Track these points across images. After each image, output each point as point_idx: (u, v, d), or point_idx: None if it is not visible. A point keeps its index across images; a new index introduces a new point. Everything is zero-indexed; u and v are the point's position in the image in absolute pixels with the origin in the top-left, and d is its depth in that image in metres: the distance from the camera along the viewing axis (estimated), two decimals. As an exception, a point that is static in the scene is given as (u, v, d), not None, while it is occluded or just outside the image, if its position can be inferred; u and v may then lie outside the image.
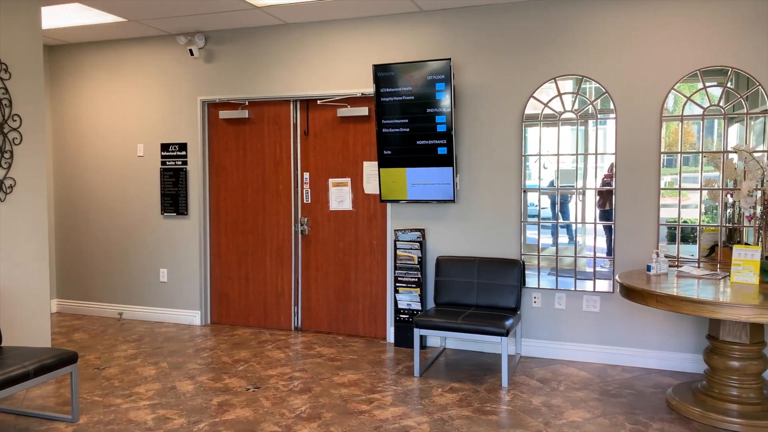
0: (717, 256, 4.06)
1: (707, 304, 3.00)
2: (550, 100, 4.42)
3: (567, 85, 4.40)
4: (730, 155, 3.98)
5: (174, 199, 5.52)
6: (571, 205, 4.44)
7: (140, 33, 5.41)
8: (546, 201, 4.50)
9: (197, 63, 5.41)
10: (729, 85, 4.02)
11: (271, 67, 5.17)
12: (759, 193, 3.51)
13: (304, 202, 5.22)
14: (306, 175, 5.20)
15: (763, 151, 3.93)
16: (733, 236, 4.04)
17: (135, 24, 5.10)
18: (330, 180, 5.12)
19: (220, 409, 3.50)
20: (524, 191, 4.52)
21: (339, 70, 4.96)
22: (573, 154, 4.39)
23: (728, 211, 4.06)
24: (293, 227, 5.25)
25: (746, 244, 3.95)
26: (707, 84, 4.06)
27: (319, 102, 5.10)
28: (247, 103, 5.33)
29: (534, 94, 4.45)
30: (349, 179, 5.06)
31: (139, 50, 5.60)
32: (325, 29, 4.98)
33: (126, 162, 5.72)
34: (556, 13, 4.38)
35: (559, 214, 4.46)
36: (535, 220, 4.52)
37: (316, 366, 4.31)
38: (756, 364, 3.30)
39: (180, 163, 5.49)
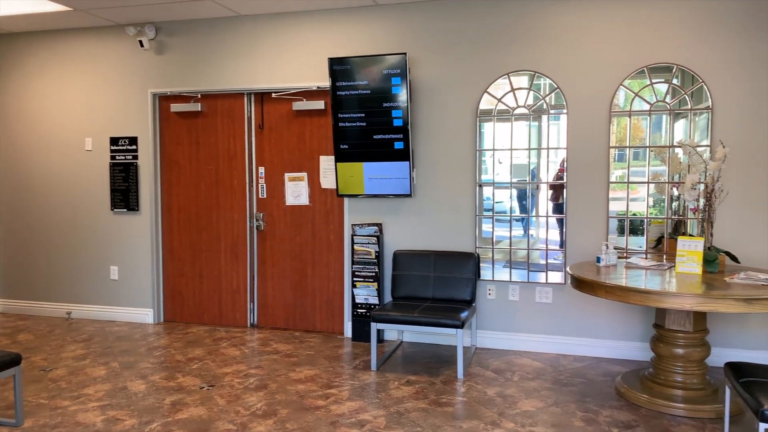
0: (663, 248, 4.20)
1: (653, 294, 3.10)
2: (503, 96, 4.48)
3: (521, 80, 4.46)
4: (676, 150, 4.11)
5: (124, 195, 5.37)
6: (526, 199, 4.51)
7: (88, 23, 5.23)
8: (501, 195, 4.56)
9: (148, 55, 5.26)
10: (675, 81, 4.15)
11: (224, 60, 5.07)
12: (702, 187, 3.64)
13: (260, 197, 5.15)
14: (261, 169, 5.13)
15: (706, 146, 4.08)
16: (679, 228, 4.19)
17: (81, 14, 4.92)
18: (286, 174, 5.07)
19: (173, 409, 3.43)
20: (479, 185, 4.57)
21: (294, 63, 4.91)
22: (526, 149, 4.46)
23: (674, 203, 4.20)
24: (248, 223, 5.18)
25: (690, 235, 4.09)
26: (654, 80, 4.18)
27: (274, 95, 5.03)
28: (199, 96, 5.22)
29: (488, 90, 4.50)
30: (306, 174, 5.02)
31: (87, 41, 5.41)
32: (280, 21, 4.92)
33: (74, 156, 5.53)
34: (510, 9, 4.43)
35: (514, 207, 4.53)
36: (491, 213, 4.57)
37: (272, 362, 4.27)
38: (699, 351, 3.42)
39: (130, 157, 5.34)
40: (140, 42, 5.13)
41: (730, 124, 4.06)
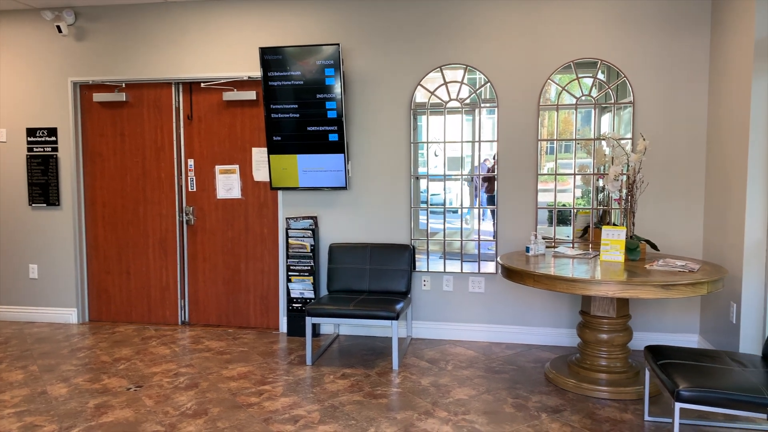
0: (589, 237, 4.35)
1: (579, 282, 3.21)
2: (436, 89, 4.51)
3: (456, 73, 4.50)
4: (602, 142, 4.26)
5: (43, 189, 5.08)
6: (460, 191, 4.57)
7: (0, 6, 4.91)
8: (437, 187, 4.60)
9: (67, 41, 4.98)
10: (600, 76, 4.29)
11: (150, 48, 4.87)
12: (624, 178, 3.78)
13: (189, 190, 4.99)
14: (190, 161, 4.97)
15: (628, 139, 4.24)
16: (605, 218, 4.35)
17: (-9, -5, 4.61)
18: (217, 167, 4.93)
19: (97, 412, 3.28)
20: (415, 178, 4.60)
21: (224, 53, 4.77)
22: (459, 142, 4.51)
23: (600, 194, 4.36)
24: (178, 217, 5.01)
25: (614, 225, 4.26)
26: (580, 75, 4.31)
27: (203, 85, 4.88)
28: (124, 86, 4.99)
29: (421, 83, 4.52)
30: (238, 166, 4.90)
31: (0, 25, 5.08)
32: (209, 9, 4.76)
33: (-15, 148, 5.19)
34: (443, 3, 4.46)
35: (450, 199, 4.58)
36: (426, 206, 4.61)
37: (203, 360, 4.15)
38: (622, 336, 3.57)
39: (49, 149, 5.05)
40: (58, 27, 4.85)
41: (651, 118, 4.24)
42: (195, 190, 4.98)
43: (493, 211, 4.51)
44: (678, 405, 2.59)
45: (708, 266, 3.52)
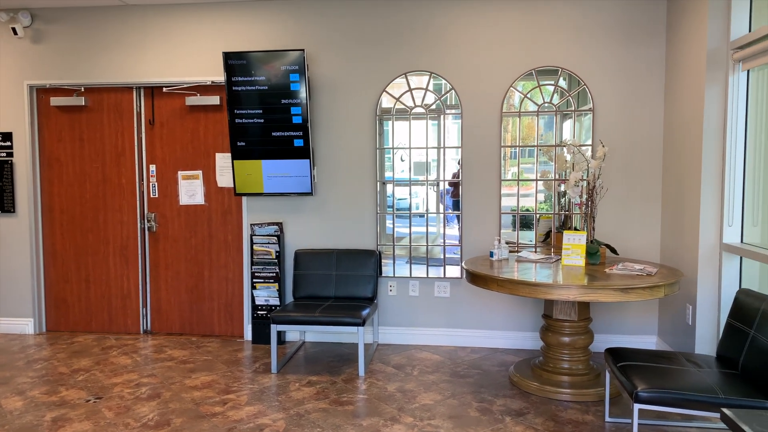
0: (552, 241, 4.43)
1: (541, 286, 3.26)
2: (401, 95, 4.54)
3: (421, 80, 4.54)
4: (564, 148, 4.35)
5: (-2, 195, 4.92)
6: (425, 196, 4.60)
7: (-51, 6, 4.74)
8: (403, 192, 4.62)
9: (23, 44, 4.85)
10: (561, 84, 4.38)
11: (110, 52, 4.77)
12: (584, 184, 3.87)
13: (151, 196, 4.90)
14: (152, 167, 4.88)
15: (588, 145, 4.34)
16: (567, 222, 4.43)
17: (-59, -5, 4.45)
18: (179, 173, 4.86)
19: (55, 425, 3.19)
20: (381, 183, 4.61)
21: (187, 57, 4.71)
22: (424, 148, 4.55)
23: (563, 199, 4.44)
24: (139, 224, 4.91)
25: (575, 229, 4.35)
26: (542, 83, 4.39)
27: (165, 90, 4.80)
28: (83, 90, 4.88)
29: (387, 89, 4.54)
30: (201, 172, 4.83)
31: (-51, 25, 4.90)
32: (171, 13, 4.70)
33: (-65, 153, 5.00)
34: (407, 10, 4.49)
35: (417, 204, 4.61)
36: (392, 211, 4.62)
37: (166, 370, 4.08)
38: (583, 339, 3.64)
39: (4, 154, 4.90)
40: (13, 29, 4.71)
41: (610, 125, 4.35)
42: (157, 196, 4.90)
43: (457, 216, 4.56)
44: (636, 406, 2.65)
45: (665, 269, 3.62)
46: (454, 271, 4.56)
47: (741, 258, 3.50)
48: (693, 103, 3.75)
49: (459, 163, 4.52)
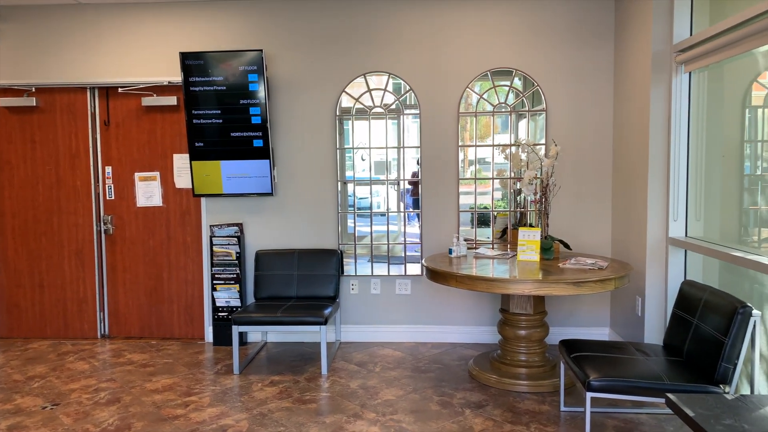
0: (508, 238, 4.55)
1: (498, 281, 3.36)
2: (361, 95, 4.58)
3: (381, 80, 4.59)
4: (518, 147, 4.47)
5: (-56, 199, 4.76)
6: (386, 195, 4.66)
7: None
8: (363, 192, 4.67)
9: (-32, 42, 4.70)
10: (516, 84, 4.50)
11: (63, 51, 4.67)
12: (538, 182, 3.99)
13: (107, 198, 4.82)
14: (108, 169, 4.80)
15: (542, 144, 4.47)
16: (523, 219, 4.56)
17: None
18: (136, 174, 4.79)
19: (9, 434, 3.12)
20: (343, 183, 4.65)
21: (143, 57, 4.65)
22: (384, 148, 4.61)
23: (519, 197, 4.57)
24: (95, 226, 4.83)
25: (531, 226, 4.48)
26: (497, 84, 4.51)
27: (120, 90, 4.72)
28: (34, 90, 4.75)
29: (346, 89, 4.58)
30: (158, 173, 4.78)
31: None
32: (126, 12, 4.63)
33: None
34: (365, 11, 4.54)
35: (376, 203, 4.66)
36: (353, 210, 4.67)
37: (125, 374, 4.03)
38: (539, 332, 3.76)
39: (-50, 157, 4.74)
40: (-42, 27, 4.57)
41: (562, 125, 4.49)
42: (113, 198, 4.82)
43: (417, 214, 4.63)
44: (589, 394, 2.77)
45: (615, 263, 3.77)
46: (415, 269, 4.64)
47: (686, 251, 3.67)
48: (639, 103, 3.91)
49: (418, 163, 4.60)
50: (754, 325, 2.62)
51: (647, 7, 3.77)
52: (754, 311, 2.60)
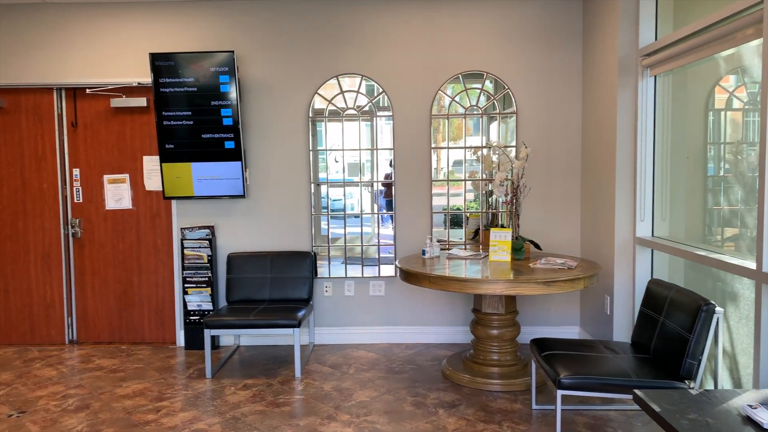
0: (480, 239, 4.60)
1: (470, 282, 3.40)
2: (333, 97, 4.59)
3: (354, 81, 4.60)
4: (489, 149, 4.52)
5: None
6: (360, 197, 4.67)
7: None
8: (337, 193, 4.67)
9: (-72, 40, 4.57)
10: (487, 87, 4.55)
11: (29, 51, 4.57)
12: (509, 183, 4.04)
13: (75, 201, 4.73)
14: (76, 171, 4.71)
15: (513, 147, 4.54)
16: (495, 220, 4.61)
17: None
18: (105, 176, 4.71)
19: (-27, 443, 3.04)
20: (316, 184, 4.64)
21: (112, 58, 4.57)
22: (356, 149, 4.61)
23: (491, 198, 4.62)
24: (62, 230, 4.73)
25: (502, 226, 4.53)
26: (469, 86, 4.55)
27: (88, 91, 4.64)
28: (-2, 90, 4.65)
29: (319, 91, 4.58)
30: (128, 175, 4.70)
31: None
32: (94, 12, 4.55)
33: None
34: (338, 13, 4.55)
35: (352, 205, 4.66)
36: (327, 212, 4.66)
37: (95, 380, 3.96)
38: (511, 331, 3.81)
39: None
40: None
41: (532, 127, 4.56)
42: (81, 201, 4.73)
43: (392, 216, 4.65)
44: (560, 392, 2.82)
45: (584, 263, 3.84)
46: (388, 270, 4.65)
47: (652, 250, 3.76)
48: (607, 106, 4.00)
49: (391, 164, 4.62)
50: (717, 322, 2.70)
51: (614, 12, 3.85)
52: (717, 308, 2.67)
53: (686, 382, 2.70)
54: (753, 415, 1.79)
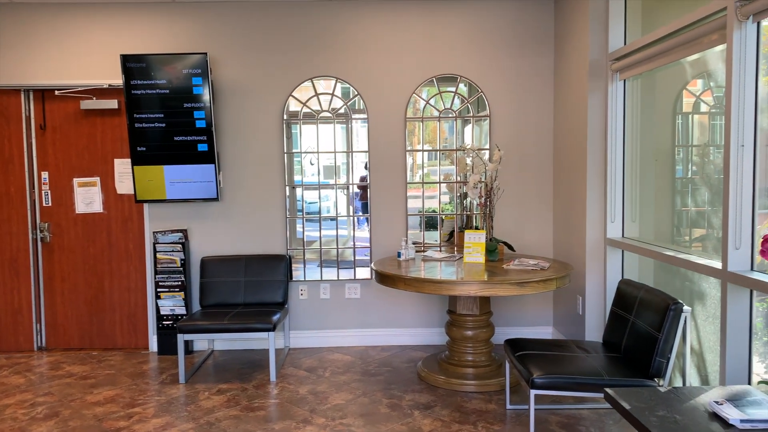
0: (455, 240, 4.63)
1: (445, 283, 3.42)
2: (308, 100, 4.58)
3: (329, 84, 4.59)
4: (463, 152, 4.56)
5: None
6: (335, 200, 4.67)
7: None
8: (312, 196, 4.66)
9: None
10: (461, 91, 4.59)
11: (-7, 51, 4.47)
12: (483, 185, 4.08)
13: (44, 205, 4.63)
14: (44, 174, 4.62)
15: (487, 149, 4.58)
16: (469, 222, 4.65)
17: None
18: (75, 180, 4.63)
19: (-63, 454, 2.96)
20: (291, 187, 4.62)
21: (82, 59, 4.50)
22: (332, 152, 4.61)
23: (466, 200, 4.65)
24: (30, 234, 4.63)
25: (476, 228, 4.57)
26: (443, 90, 4.59)
27: (57, 93, 4.56)
28: (-38, 92, 4.54)
29: (293, 93, 4.56)
30: (98, 178, 4.63)
31: None
32: (65, 13, 4.47)
33: None
34: (312, 16, 4.54)
35: (328, 208, 4.66)
36: (302, 215, 4.65)
37: (65, 387, 3.88)
38: (485, 332, 3.84)
39: None
40: None
41: (505, 130, 4.61)
42: (50, 204, 4.64)
43: (368, 218, 4.66)
44: (533, 392, 2.85)
45: (557, 264, 3.89)
46: (364, 273, 4.66)
47: (623, 251, 3.83)
48: (578, 109, 4.06)
49: (366, 167, 4.63)
50: (685, 321, 2.76)
51: (584, 17, 3.92)
52: (685, 307, 2.73)
53: (656, 380, 2.75)
54: (719, 411, 1.83)
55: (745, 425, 1.75)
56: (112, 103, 4.49)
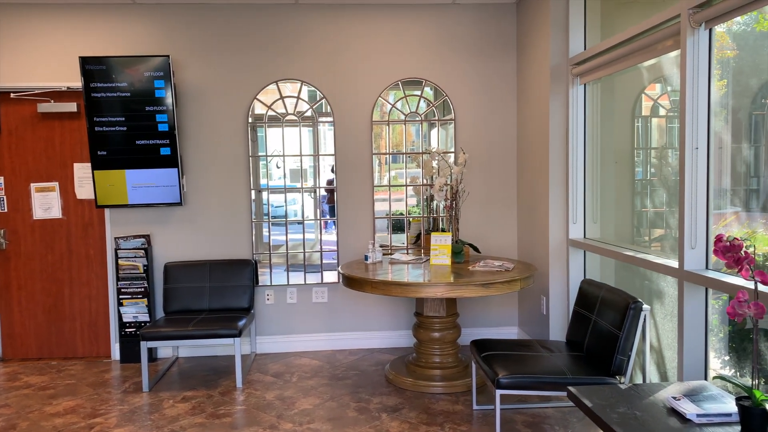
0: (422, 243, 4.65)
1: (411, 286, 3.43)
2: (273, 103, 4.55)
3: (295, 87, 4.57)
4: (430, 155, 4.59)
5: None
6: (302, 203, 4.64)
7: None
8: (278, 200, 4.62)
9: None
10: (426, 94, 4.62)
11: (-56, 52, 4.32)
12: (448, 188, 4.12)
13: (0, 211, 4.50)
14: (0, 179, 4.48)
15: (452, 152, 4.62)
16: (436, 225, 4.68)
17: None
18: (32, 185, 4.50)
19: None
20: (257, 191, 4.58)
21: (39, 61, 4.38)
22: (298, 155, 4.59)
23: (433, 203, 4.68)
24: (-14, 241, 4.49)
25: (443, 230, 4.60)
26: (408, 93, 4.61)
27: (13, 95, 4.42)
28: None
29: (258, 96, 4.53)
30: (57, 183, 4.51)
31: None
32: (21, 13, 4.35)
33: None
34: (276, 17, 4.51)
35: (292, 211, 4.63)
36: (268, 219, 4.61)
37: (22, 398, 3.76)
38: (452, 333, 3.87)
39: None
40: None
41: (470, 133, 4.66)
42: (6, 210, 4.50)
43: (335, 222, 4.64)
44: (498, 392, 2.88)
45: (521, 265, 3.95)
46: (332, 277, 4.64)
47: (584, 251, 3.91)
48: (540, 113, 4.13)
49: (333, 170, 4.62)
50: (645, 319, 2.83)
51: (545, 22, 3.99)
52: (645, 306, 2.80)
53: (617, 377, 2.81)
54: (676, 406, 1.89)
55: (701, 419, 1.80)
56: (71, 106, 4.38)
